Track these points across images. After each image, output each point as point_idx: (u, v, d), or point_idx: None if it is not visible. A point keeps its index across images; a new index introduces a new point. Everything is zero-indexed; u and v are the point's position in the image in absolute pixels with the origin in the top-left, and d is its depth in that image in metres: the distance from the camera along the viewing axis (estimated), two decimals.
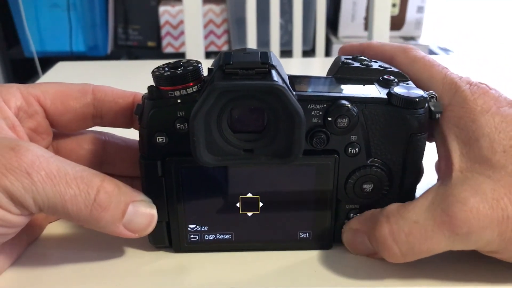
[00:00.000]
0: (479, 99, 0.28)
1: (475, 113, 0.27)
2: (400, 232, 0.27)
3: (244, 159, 0.27)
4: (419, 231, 0.26)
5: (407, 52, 0.32)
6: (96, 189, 0.26)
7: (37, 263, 0.30)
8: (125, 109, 0.32)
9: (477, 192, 0.25)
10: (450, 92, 0.29)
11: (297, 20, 1.00)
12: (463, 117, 0.28)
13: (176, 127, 0.28)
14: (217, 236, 0.31)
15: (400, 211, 0.27)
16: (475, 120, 0.27)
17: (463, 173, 0.27)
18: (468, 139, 0.27)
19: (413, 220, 0.26)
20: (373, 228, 0.28)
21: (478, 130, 0.27)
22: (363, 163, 0.29)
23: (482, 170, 0.26)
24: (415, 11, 1.60)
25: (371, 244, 0.29)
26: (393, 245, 0.27)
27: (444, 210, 0.26)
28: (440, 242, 0.26)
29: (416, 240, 0.26)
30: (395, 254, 0.27)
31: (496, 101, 0.28)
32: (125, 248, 0.32)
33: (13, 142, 0.26)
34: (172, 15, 1.63)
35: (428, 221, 0.26)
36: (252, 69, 0.25)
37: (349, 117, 0.28)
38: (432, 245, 0.26)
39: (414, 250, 0.27)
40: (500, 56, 0.85)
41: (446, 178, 0.27)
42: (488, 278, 0.29)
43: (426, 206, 0.26)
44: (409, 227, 0.26)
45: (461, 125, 0.28)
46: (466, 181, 0.26)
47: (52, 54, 1.55)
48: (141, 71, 0.71)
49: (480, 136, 0.27)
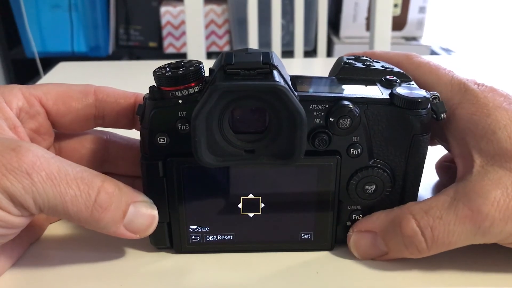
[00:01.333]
0: (489, 96, 0.28)
1: (488, 108, 0.28)
2: (427, 227, 0.27)
3: (245, 160, 0.27)
4: (443, 226, 0.27)
5: (411, 59, 0.33)
6: (97, 190, 0.26)
7: (38, 263, 0.30)
8: (127, 109, 0.32)
9: (498, 185, 0.26)
10: (460, 91, 0.29)
11: (298, 20, 1.00)
12: (476, 113, 0.28)
13: (178, 127, 0.28)
14: (218, 237, 0.31)
15: (423, 207, 0.28)
16: (489, 114, 0.28)
17: (483, 167, 0.27)
18: (485, 133, 0.28)
19: (437, 215, 0.27)
20: (393, 226, 0.29)
21: (494, 124, 0.27)
22: (365, 164, 0.29)
23: (502, 163, 0.27)
24: (417, 11, 1.60)
25: (386, 243, 0.29)
26: (422, 240, 0.27)
27: (466, 204, 0.26)
28: (462, 236, 0.27)
29: (440, 234, 0.27)
30: (423, 248, 0.28)
31: (506, 98, 0.28)
32: (126, 249, 0.32)
33: (14, 142, 0.25)
34: (173, 16, 1.63)
35: (450, 216, 0.27)
36: (253, 69, 0.25)
37: (351, 117, 0.28)
38: (454, 238, 0.27)
39: (438, 244, 0.27)
40: (502, 56, 0.85)
41: (467, 174, 0.28)
42: (489, 277, 0.29)
43: (449, 202, 0.27)
44: (434, 222, 0.27)
45: (475, 121, 0.28)
46: (486, 175, 0.27)
47: (54, 55, 1.55)
48: (142, 71, 0.71)
49: (497, 129, 0.27)
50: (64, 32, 1.59)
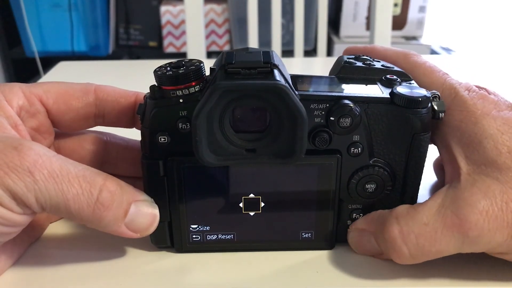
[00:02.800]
0: (478, 103, 0.28)
1: (476, 116, 0.27)
2: (410, 233, 0.27)
3: (246, 159, 0.27)
4: (429, 233, 0.26)
5: (408, 58, 0.32)
6: (99, 188, 0.26)
7: (39, 262, 0.30)
8: (127, 108, 0.32)
9: (486, 194, 0.25)
10: (450, 96, 0.29)
11: (298, 20, 1.00)
12: (464, 120, 0.28)
13: (178, 126, 0.28)
14: (219, 236, 0.31)
15: (410, 212, 0.27)
16: (477, 122, 0.27)
17: (471, 175, 0.27)
18: (471, 141, 0.27)
19: (423, 222, 0.26)
20: (381, 228, 0.28)
21: (481, 132, 0.27)
22: (366, 163, 0.29)
23: (489, 172, 0.26)
24: (417, 10, 1.60)
25: (378, 244, 0.29)
26: (402, 246, 0.27)
27: (454, 212, 0.26)
28: (449, 244, 0.26)
29: (426, 242, 0.26)
30: (404, 255, 0.27)
31: (496, 105, 0.28)
32: (127, 248, 0.32)
33: (16, 141, 0.25)
34: (173, 15, 1.63)
35: (438, 223, 0.26)
36: (254, 68, 0.25)
37: (351, 116, 0.28)
38: (441, 247, 0.26)
39: (423, 251, 0.27)
40: (502, 56, 0.85)
41: (455, 181, 0.27)
42: (490, 279, 0.29)
43: (436, 209, 0.26)
44: (419, 228, 0.26)
45: (462, 128, 0.28)
46: (475, 184, 0.26)
47: (54, 54, 1.55)
48: (142, 71, 0.71)
49: (483, 138, 0.27)
50: (64, 32, 1.59)
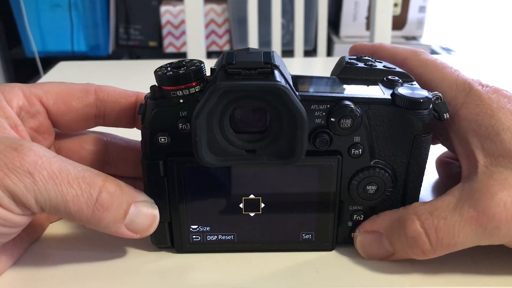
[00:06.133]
0: (493, 97, 0.28)
1: (492, 108, 0.28)
2: (431, 228, 0.27)
3: (246, 160, 0.27)
4: (448, 227, 0.27)
5: (419, 55, 0.33)
6: (98, 189, 0.26)
7: (39, 263, 0.30)
8: (128, 109, 0.32)
9: (503, 186, 0.26)
10: (464, 91, 0.29)
11: (298, 20, 1.00)
12: (480, 113, 0.28)
13: (179, 127, 0.27)
14: (219, 237, 0.31)
15: (428, 208, 0.28)
16: (493, 115, 0.28)
17: (488, 168, 0.27)
18: (488, 133, 0.28)
19: (442, 216, 0.27)
20: (398, 226, 0.28)
21: (498, 124, 0.27)
22: (367, 164, 0.29)
23: (506, 163, 0.27)
24: (417, 10, 1.60)
25: (392, 244, 0.29)
26: (426, 241, 0.27)
27: (471, 205, 0.26)
28: (467, 237, 0.26)
29: (445, 236, 0.27)
30: (427, 249, 0.27)
31: (510, 99, 0.29)
32: (127, 248, 0.32)
33: (16, 141, 0.25)
34: (173, 15, 1.63)
35: (456, 217, 0.27)
36: (254, 69, 0.25)
37: (352, 117, 0.27)
38: (460, 240, 0.27)
39: (443, 245, 0.27)
40: (502, 56, 0.85)
41: (472, 174, 0.28)
42: (493, 278, 0.29)
43: (454, 203, 0.27)
44: (439, 223, 0.27)
45: (479, 121, 0.28)
46: (492, 175, 0.27)
47: (54, 54, 1.55)
48: (142, 71, 0.71)
49: (500, 130, 0.27)
50: (64, 32, 1.58)
